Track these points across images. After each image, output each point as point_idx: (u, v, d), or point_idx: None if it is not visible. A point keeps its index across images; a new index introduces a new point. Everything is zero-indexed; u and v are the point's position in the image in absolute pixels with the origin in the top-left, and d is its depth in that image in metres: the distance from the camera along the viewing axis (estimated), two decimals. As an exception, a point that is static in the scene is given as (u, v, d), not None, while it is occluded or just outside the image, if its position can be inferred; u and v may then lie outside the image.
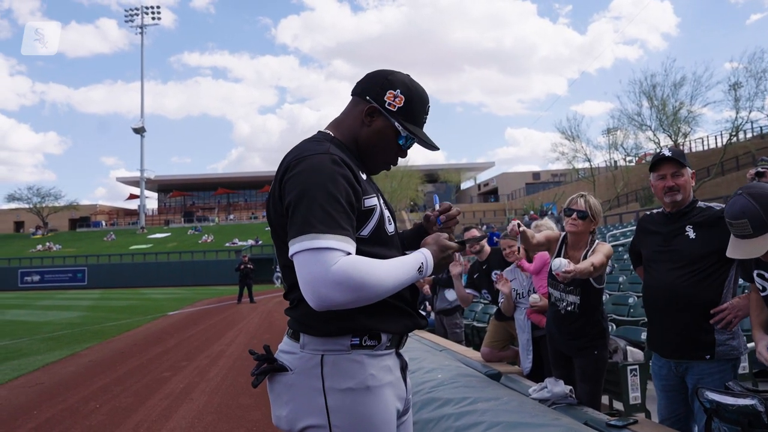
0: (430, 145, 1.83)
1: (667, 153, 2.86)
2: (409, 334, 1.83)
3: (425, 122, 1.86)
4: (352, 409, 1.61)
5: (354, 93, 1.84)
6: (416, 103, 1.80)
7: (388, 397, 1.67)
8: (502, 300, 4.54)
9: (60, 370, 8.44)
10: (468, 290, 5.14)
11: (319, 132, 1.84)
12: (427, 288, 7.17)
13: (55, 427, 5.39)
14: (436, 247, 1.75)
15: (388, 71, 1.82)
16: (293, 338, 1.71)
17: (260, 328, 13.69)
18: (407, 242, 2.05)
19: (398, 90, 1.77)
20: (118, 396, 6.59)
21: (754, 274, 2.34)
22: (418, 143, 1.83)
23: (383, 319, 1.68)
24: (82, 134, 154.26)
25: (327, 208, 1.53)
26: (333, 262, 1.49)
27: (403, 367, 1.81)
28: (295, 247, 1.52)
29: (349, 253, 1.54)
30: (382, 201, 1.77)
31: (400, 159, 1.88)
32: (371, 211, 1.70)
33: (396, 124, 1.77)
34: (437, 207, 1.95)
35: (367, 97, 1.78)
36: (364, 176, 1.75)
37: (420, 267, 1.67)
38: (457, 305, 6.59)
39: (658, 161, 2.86)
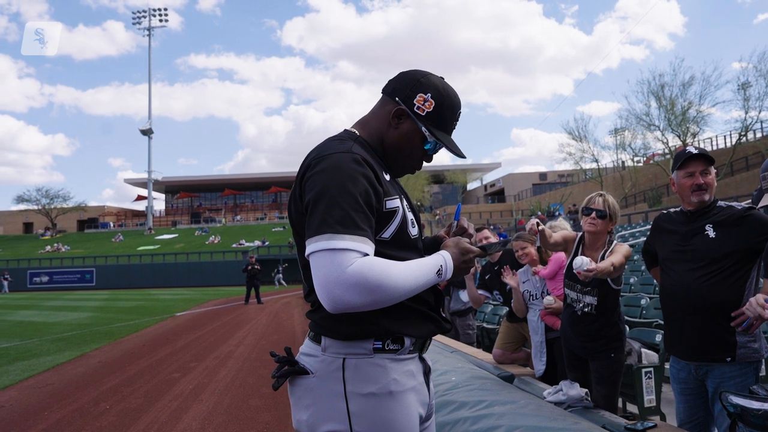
0: (457, 153, 1.78)
1: (694, 151, 2.79)
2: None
3: (454, 128, 1.80)
4: (375, 415, 1.57)
5: (384, 92, 1.78)
6: (446, 109, 1.74)
7: (411, 403, 1.64)
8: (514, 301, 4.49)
9: (70, 370, 8.46)
10: (480, 291, 5.09)
11: (345, 130, 1.79)
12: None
13: (65, 428, 5.39)
14: (457, 250, 1.69)
15: (422, 72, 1.76)
16: (315, 341, 1.67)
17: (268, 329, 13.69)
18: (424, 250, 2.01)
19: (429, 94, 1.71)
20: (128, 397, 6.59)
21: None
22: (446, 149, 1.78)
23: (406, 323, 1.64)
24: (90, 136, 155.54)
25: (345, 208, 1.49)
26: (348, 264, 1.45)
27: (426, 372, 1.77)
28: (311, 247, 1.49)
29: (366, 254, 1.49)
30: (405, 203, 1.72)
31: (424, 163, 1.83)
32: (393, 213, 1.65)
33: (423, 129, 1.72)
34: (458, 217, 1.91)
35: (397, 98, 1.72)
36: (387, 177, 1.70)
37: (439, 270, 1.62)
38: (470, 306, 6.56)
39: (687, 158, 2.78)
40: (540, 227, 3.16)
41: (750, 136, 33.77)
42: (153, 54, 73.11)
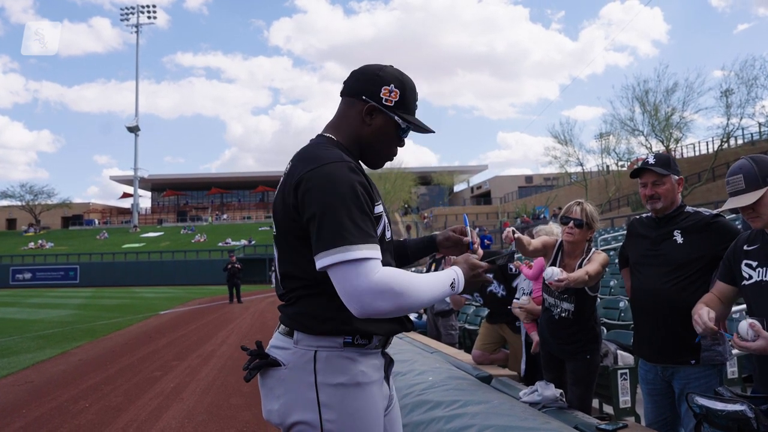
0: (427, 130, 1.87)
1: (650, 160, 2.86)
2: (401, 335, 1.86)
3: (416, 108, 1.88)
4: (343, 404, 1.65)
5: (344, 94, 1.84)
6: (409, 93, 1.83)
7: (376, 393, 1.73)
8: (517, 298, 4.46)
9: (50, 368, 8.40)
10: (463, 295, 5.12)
11: (320, 136, 1.84)
12: None
13: (43, 425, 5.36)
14: (466, 266, 1.79)
15: (377, 66, 1.83)
16: (286, 335, 1.73)
17: (252, 328, 13.66)
18: (412, 252, 2.10)
19: (392, 84, 1.79)
20: (108, 395, 6.56)
21: (742, 265, 2.35)
22: (415, 131, 1.87)
23: (374, 322, 1.71)
24: (76, 133, 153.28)
25: (355, 219, 1.57)
26: (375, 272, 1.54)
27: (388, 365, 1.85)
28: (328, 260, 1.55)
29: (381, 260, 1.59)
30: (383, 206, 1.80)
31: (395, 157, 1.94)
32: (379, 217, 1.73)
33: (396, 118, 1.80)
34: (467, 227, 2.02)
35: (363, 97, 1.78)
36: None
37: (453, 282, 1.72)
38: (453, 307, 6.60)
39: (638, 170, 2.88)
40: (516, 235, 3.17)
41: (732, 142, 34.22)
42: (140, 51, 72.42)
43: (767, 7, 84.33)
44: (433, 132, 1.90)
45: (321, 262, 1.56)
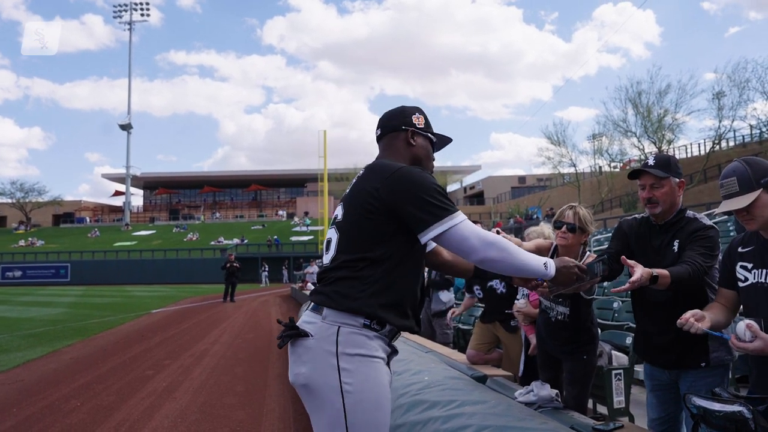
0: (448, 139, 2.41)
1: (650, 162, 2.77)
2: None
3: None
4: (359, 371, 1.95)
5: (385, 134, 2.31)
6: (427, 117, 2.36)
7: (385, 369, 2.05)
8: (519, 298, 4.44)
9: (41, 367, 8.33)
10: (467, 295, 5.14)
11: (385, 161, 2.26)
12: None
13: (34, 425, 5.31)
14: (559, 260, 2.19)
15: (401, 106, 2.35)
16: (315, 312, 2.04)
17: (245, 327, 13.63)
18: None
19: (417, 113, 2.32)
20: (99, 394, 6.52)
21: (737, 267, 2.35)
22: (440, 141, 2.39)
23: (393, 315, 2.04)
24: (67, 130, 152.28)
25: (444, 197, 2.04)
26: (478, 228, 2.03)
27: (391, 353, 2.14)
28: (441, 227, 1.98)
29: None
30: None
31: None
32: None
33: (429, 135, 2.32)
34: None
35: (403, 127, 2.27)
36: None
37: (545, 263, 2.12)
38: (450, 307, 6.61)
39: (636, 171, 2.79)
40: (501, 234, 3.12)
41: (723, 144, 34.44)
42: (132, 49, 72.09)
43: (758, 11, 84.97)
44: (451, 140, 2.42)
45: (435, 230, 1.98)
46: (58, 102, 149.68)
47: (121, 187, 72.22)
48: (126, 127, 70.12)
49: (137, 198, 78.65)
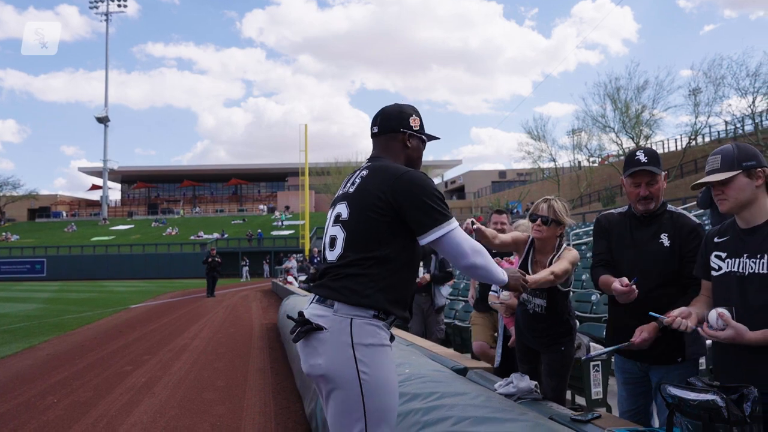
0: (436, 137, 2.55)
1: (642, 158, 2.75)
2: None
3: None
4: (374, 360, 2.11)
5: (382, 133, 2.41)
6: (421, 117, 2.48)
7: (392, 354, 2.22)
8: (495, 290, 4.46)
9: (16, 363, 8.21)
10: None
11: (385, 160, 2.41)
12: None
13: (10, 422, 5.23)
14: (510, 271, 2.44)
15: (398, 105, 2.46)
16: (324, 305, 2.16)
17: (225, 322, 13.55)
18: None
19: (413, 115, 2.44)
20: (76, 390, 6.44)
21: (712, 257, 2.39)
22: (428, 141, 2.52)
23: (397, 308, 2.21)
24: (42, 123, 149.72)
25: (443, 203, 2.20)
26: (468, 237, 2.21)
27: (391, 339, 2.28)
28: (440, 231, 2.15)
29: None
30: None
31: None
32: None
33: (423, 137, 2.46)
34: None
35: (401, 129, 2.39)
36: None
37: (503, 272, 2.35)
38: (446, 303, 6.70)
39: (635, 170, 2.76)
40: (475, 226, 3.12)
41: (699, 140, 34.99)
42: (109, 41, 70.93)
43: (733, 9, 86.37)
44: (439, 138, 2.58)
45: (434, 234, 2.14)
46: (33, 94, 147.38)
47: (99, 181, 71.21)
48: (103, 120, 69.11)
49: (115, 192, 77.67)
